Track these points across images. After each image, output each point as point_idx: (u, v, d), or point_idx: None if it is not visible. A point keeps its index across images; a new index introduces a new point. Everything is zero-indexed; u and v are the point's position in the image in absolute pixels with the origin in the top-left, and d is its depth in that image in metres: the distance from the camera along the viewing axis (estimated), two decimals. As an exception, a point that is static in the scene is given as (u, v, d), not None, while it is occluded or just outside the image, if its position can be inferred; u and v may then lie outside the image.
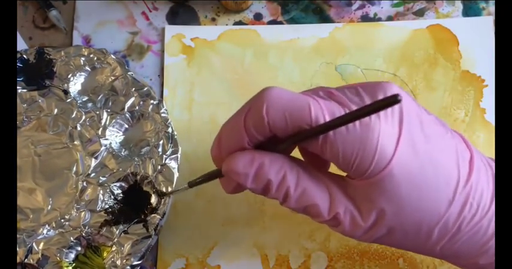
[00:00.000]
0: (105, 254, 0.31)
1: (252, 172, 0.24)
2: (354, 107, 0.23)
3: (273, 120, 0.23)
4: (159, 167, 0.33)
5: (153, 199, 0.32)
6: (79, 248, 0.32)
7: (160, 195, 0.32)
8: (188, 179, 0.36)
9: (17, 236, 0.31)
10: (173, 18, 0.40)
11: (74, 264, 0.31)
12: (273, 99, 0.23)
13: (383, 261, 0.34)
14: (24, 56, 0.36)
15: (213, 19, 0.40)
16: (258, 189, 0.24)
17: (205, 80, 0.38)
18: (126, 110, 0.35)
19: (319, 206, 0.24)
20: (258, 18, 0.40)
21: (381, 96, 0.23)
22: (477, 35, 0.38)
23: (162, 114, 0.35)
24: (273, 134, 0.24)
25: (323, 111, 0.23)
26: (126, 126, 0.35)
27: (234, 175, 0.24)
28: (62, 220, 0.32)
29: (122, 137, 0.35)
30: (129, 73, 0.36)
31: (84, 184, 0.33)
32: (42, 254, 0.31)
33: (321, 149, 0.23)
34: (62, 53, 0.36)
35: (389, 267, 0.34)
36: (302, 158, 0.27)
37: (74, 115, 0.35)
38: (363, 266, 0.34)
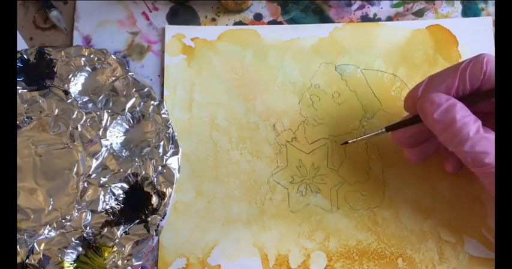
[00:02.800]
0: (106, 255, 0.31)
1: (444, 106, 0.28)
2: None
3: (489, 72, 0.28)
4: (160, 167, 0.33)
5: (154, 200, 0.32)
6: (80, 249, 0.32)
7: None
8: (188, 180, 0.36)
9: (18, 236, 0.32)
10: (173, 18, 0.40)
11: (75, 264, 0.32)
12: (492, 57, 0.28)
13: (382, 261, 0.34)
14: (25, 56, 0.37)
15: (213, 19, 0.40)
16: (442, 122, 0.28)
17: (206, 80, 0.38)
18: (126, 110, 0.35)
19: (490, 154, 0.27)
20: (258, 18, 0.40)
21: None
22: (476, 36, 0.38)
23: (163, 115, 0.35)
24: (472, 91, 0.28)
25: None
26: (127, 127, 0.35)
27: (428, 102, 0.28)
28: (63, 221, 0.32)
29: (123, 138, 0.35)
30: (129, 74, 0.36)
31: (85, 184, 0.33)
32: (43, 255, 0.31)
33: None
34: (63, 53, 0.36)
35: (388, 267, 0.34)
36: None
37: (74, 116, 0.35)
38: (362, 266, 0.34)
